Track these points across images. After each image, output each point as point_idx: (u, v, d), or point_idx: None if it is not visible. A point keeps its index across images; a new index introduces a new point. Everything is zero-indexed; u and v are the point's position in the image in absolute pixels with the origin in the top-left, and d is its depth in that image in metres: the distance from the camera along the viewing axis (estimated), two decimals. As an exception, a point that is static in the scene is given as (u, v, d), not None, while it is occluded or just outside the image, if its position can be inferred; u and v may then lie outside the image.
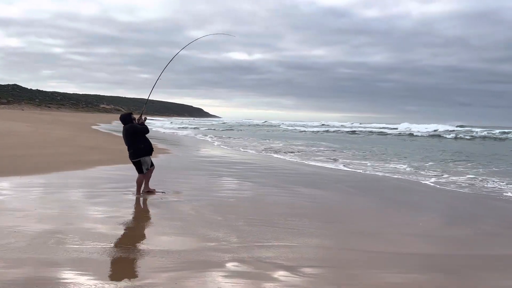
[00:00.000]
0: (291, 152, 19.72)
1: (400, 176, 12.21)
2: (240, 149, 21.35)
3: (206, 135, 35.14)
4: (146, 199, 7.63)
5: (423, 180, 11.49)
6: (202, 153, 18.93)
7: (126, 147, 8.05)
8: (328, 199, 8.56)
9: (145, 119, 8.38)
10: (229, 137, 32.77)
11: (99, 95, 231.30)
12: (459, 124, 71.27)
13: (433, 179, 11.66)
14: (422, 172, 13.08)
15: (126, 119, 8.13)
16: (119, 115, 8.57)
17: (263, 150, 20.94)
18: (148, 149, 8.10)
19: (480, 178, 12.03)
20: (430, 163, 15.91)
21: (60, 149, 15.48)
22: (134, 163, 8.06)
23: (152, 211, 6.97)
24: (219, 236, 5.42)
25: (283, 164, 14.84)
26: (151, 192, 8.11)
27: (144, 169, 8.01)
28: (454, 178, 11.96)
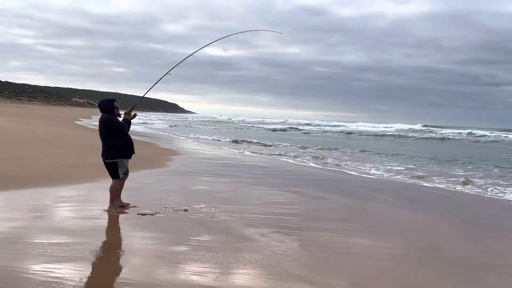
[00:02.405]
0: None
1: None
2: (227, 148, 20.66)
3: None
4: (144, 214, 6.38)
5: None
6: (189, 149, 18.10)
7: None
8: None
9: (135, 115, 6.96)
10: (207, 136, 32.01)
11: (71, 88, 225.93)
12: (425, 124, 75.49)
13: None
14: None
15: (105, 107, 6.55)
16: (95, 109, 7.23)
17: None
18: (127, 150, 6.54)
19: None
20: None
21: (57, 150, 14.35)
22: (107, 165, 6.52)
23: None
24: None
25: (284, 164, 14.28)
26: (124, 207, 6.68)
27: (120, 173, 6.50)
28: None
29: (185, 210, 6.87)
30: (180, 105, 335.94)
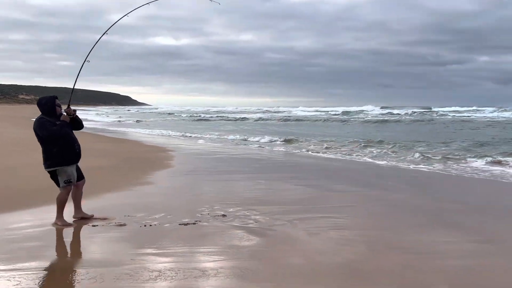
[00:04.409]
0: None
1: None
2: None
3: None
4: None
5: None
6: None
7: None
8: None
9: (75, 112, 6.01)
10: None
11: (16, 85, 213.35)
12: (384, 105, 78.31)
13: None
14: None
15: (42, 106, 5.74)
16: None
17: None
18: (65, 156, 5.73)
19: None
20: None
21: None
22: (49, 174, 5.86)
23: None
24: None
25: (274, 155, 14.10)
26: (86, 218, 6.04)
27: (61, 182, 5.74)
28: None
29: (223, 215, 6.44)
30: (133, 97, 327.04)
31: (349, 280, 4.20)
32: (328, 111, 67.02)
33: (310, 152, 16.21)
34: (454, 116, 47.86)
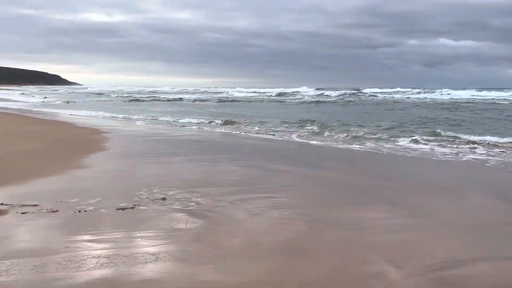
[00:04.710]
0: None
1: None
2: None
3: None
4: None
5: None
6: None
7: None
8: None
9: None
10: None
11: None
12: (319, 87, 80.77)
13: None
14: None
15: None
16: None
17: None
18: None
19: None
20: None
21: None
22: None
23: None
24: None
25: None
26: None
27: None
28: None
29: (163, 198, 6.29)
30: (63, 76, 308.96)
31: (291, 258, 4.28)
32: (265, 92, 67.63)
33: (249, 133, 16.28)
34: (385, 97, 50.14)
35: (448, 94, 51.70)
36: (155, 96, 57.14)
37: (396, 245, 4.65)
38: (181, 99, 50.15)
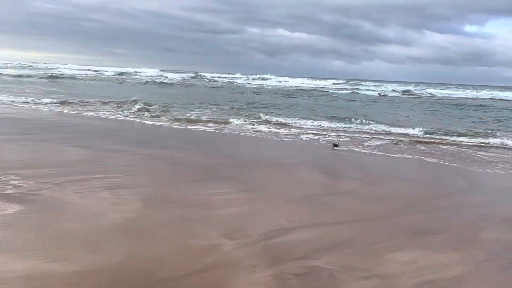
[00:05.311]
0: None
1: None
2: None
3: None
4: None
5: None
6: None
7: None
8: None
9: None
10: None
11: None
12: (164, 69, 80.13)
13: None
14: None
15: None
16: None
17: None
18: None
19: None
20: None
21: None
22: None
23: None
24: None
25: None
26: None
27: None
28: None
29: (-26, 182, 5.40)
30: None
31: (128, 239, 4.10)
32: (100, 71, 63.81)
33: (86, 113, 15.11)
34: (224, 81, 51.91)
35: (286, 81, 55.91)
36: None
37: (231, 218, 4.83)
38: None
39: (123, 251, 3.85)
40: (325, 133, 12.92)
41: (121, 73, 58.06)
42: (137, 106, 17.01)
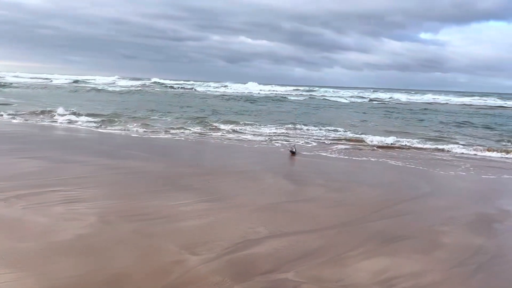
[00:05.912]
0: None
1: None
2: None
3: None
4: None
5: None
6: None
7: None
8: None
9: None
10: None
11: None
12: (127, 76, 78.93)
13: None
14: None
15: None
16: None
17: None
18: None
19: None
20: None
21: None
22: None
23: None
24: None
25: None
26: None
27: None
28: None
29: None
30: None
31: (83, 257, 3.79)
32: (51, 79, 61.95)
33: (39, 122, 14.41)
34: (186, 88, 51.46)
35: (247, 88, 56.04)
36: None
37: (192, 231, 4.60)
38: None
39: (79, 270, 3.56)
40: (288, 138, 12.86)
41: (76, 81, 56.54)
42: (96, 115, 16.39)
